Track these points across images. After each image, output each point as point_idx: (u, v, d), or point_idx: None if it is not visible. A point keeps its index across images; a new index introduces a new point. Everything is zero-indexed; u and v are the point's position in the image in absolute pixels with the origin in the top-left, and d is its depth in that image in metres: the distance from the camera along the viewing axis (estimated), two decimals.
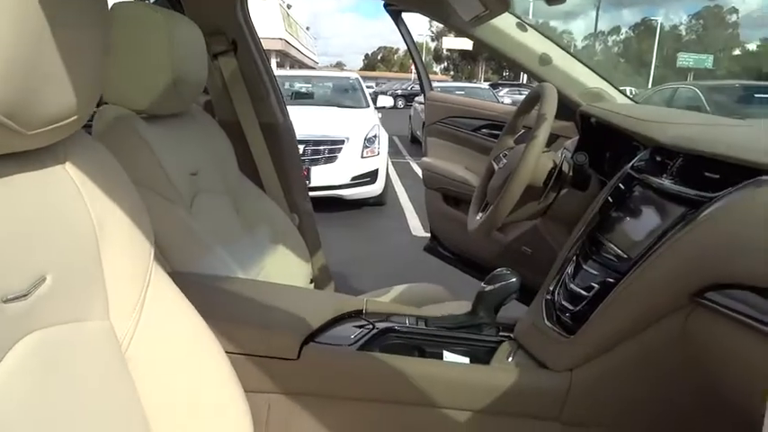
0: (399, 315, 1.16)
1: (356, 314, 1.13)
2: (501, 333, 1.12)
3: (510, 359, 1.02)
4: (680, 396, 0.91)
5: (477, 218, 1.46)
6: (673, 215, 0.91)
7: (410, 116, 13.61)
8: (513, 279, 1.11)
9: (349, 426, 0.98)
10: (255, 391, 0.93)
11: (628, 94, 1.72)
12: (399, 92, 26.91)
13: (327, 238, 2.05)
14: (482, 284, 1.13)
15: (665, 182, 1.00)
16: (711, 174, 0.90)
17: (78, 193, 0.66)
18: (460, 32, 1.64)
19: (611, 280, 0.96)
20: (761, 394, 0.66)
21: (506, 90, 20.66)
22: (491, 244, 2.20)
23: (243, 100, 1.71)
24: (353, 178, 5.69)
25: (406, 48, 2.48)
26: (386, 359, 0.98)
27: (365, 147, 5.83)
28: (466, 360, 1.04)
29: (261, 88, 1.74)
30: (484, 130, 2.34)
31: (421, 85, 2.57)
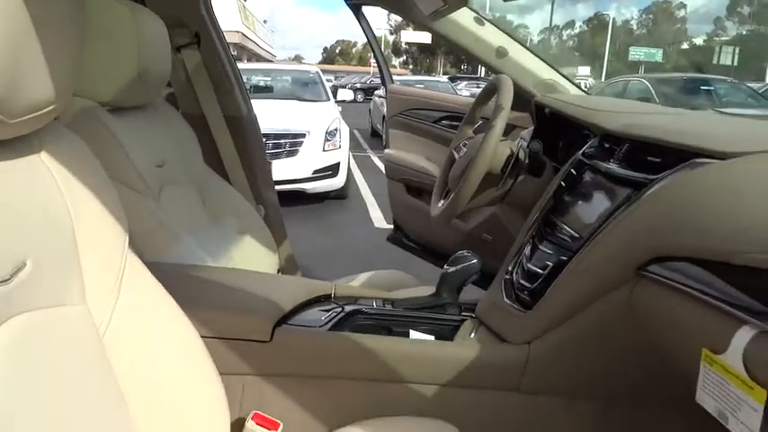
0: (367, 298, 1.21)
1: (325, 298, 1.18)
2: (463, 312, 1.18)
3: (472, 335, 1.08)
4: (632, 368, 0.98)
5: (440, 205, 1.52)
6: (619, 196, 0.98)
7: (370, 109, 13.64)
8: (474, 261, 1.17)
9: (321, 404, 1.02)
10: (230, 374, 0.97)
11: (582, 86, 1.80)
12: (358, 85, 26.85)
13: (291, 232, 2.08)
14: (445, 266, 1.19)
15: (613, 166, 1.07)
16: (653, 158, 0.98)
17: (54, 182, 0.69)
18: (420, 26, 1.69)
19: (564, 258, 1.03)
20: (697, 356, 0.73)
21: (465, 83, 20.86)
22: (453, 232, 2.27)
23: (207, 93, 1.72)
24: (315, 171, 5.71)
25: (364, 41, 2.52)
26: (355, 338, 1.02)
27: (326, 140, 5.84)
28: (431, 338, 1.10)
29: (225, 81, 1.76)
30: (444, 122, 2.40)
31: (382, 78, 2.62)
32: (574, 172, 1.21)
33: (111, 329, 0.73)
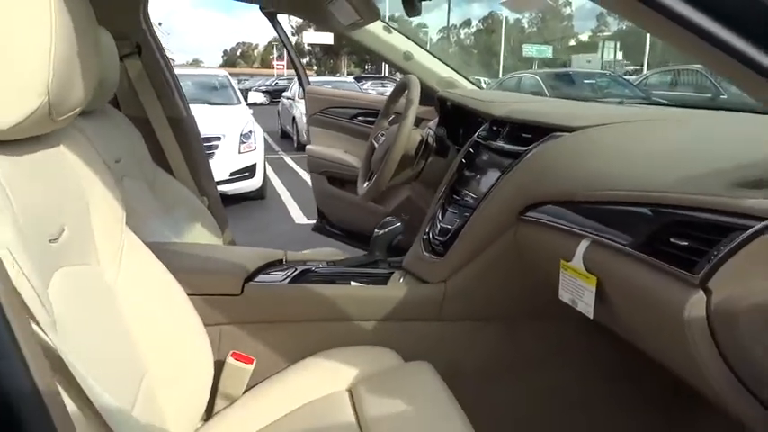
0: (313, 261, 1.47)
1: (279, 263, 1.42)
2: (392, 266, 1.47)
3: (401, 281, 1.37)
4: (524, 291, 1.30)
5: (365, 186, 1.80)
6: (504, 165, 1.31)
7: (278, 111, 13.63)
8: (398, 224, 1.47)
9: (285, 342, 1.27)
10: (209, 324, 1.19)
11: (482, 84, 2.14)
12: (263, 88, 26.59)
13: None
14: (375, 230, 1.47)
15: (499, 143, 1.40)
16: (527, 134, 1.31)
17: (72, 168, 0.90)
18: (338, 33, 1.96)
19: (466, 215, 1.35)
20: (558, 267, 1.05)
21: (370, 83, 21.28)
22: (373, 215, 2.55)
23: (150, 97, 1.90)
24: (232, 174, 5.81)
25: (265, 43, 2.75)
26: (310, 288, 1.29)
27: (241, 142, 5.96)
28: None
29: (166, 87, 1.94)
30: (359, 118, 2.67)
31: (299, 80, 2.86)
32: (471, 151, 1.53)
33: (118, 286, 0.95)
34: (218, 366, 1.20)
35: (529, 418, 1.34)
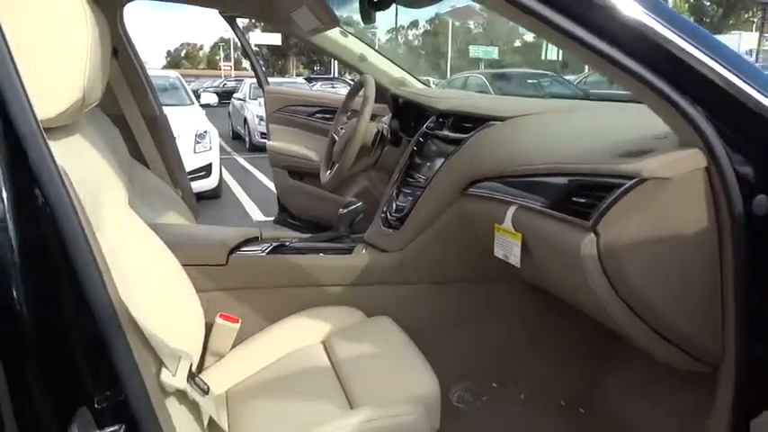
0: (285, 237, 1.67)
1: (255, 239, 1.62)
2: (355, 241, 1.69)
3: (363, 252, 1.60)
4: (471, 256, 1.53)
5: (327, 174, 2.01)
6: (448, 150, 1.55)
7: (229, 113, 13.59)
8: (360, 204, 1.69)
9: (265, 306, 1.47)
10: (198, 291, 1.38)
11: (431, 84, 2.39)
12: (211, 90, 26.22)
13: None
14: (340, 210, 1.68)
15: (445, 132, 1.64)
16: (467, 124, 1.55)
17: (89, 151, 1.08)
18: (299, 38, 2.16)
19: (418, 194, 1.58)
20: (492, 230, 1.30)
21: (320, 83, 21.38)
22: (333, 205, 2.76)
23: (126, 97, 2.05)
24: (188, 173, 5.86)
25: (211, 44, 2.93)
26: (286, 258, 1.49)
27: (197, 142, 6.04)
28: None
29: (141, 87, 2.10)
30: (317, 115, 2.87)
31: (258, 80, 3.04)
32: (421, 140, 1.76)
33: (122, 253, 1.13)
34: (207, 329, 1.39)
35: (476, 364, 1.59)
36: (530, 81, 9.47)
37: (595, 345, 1.51)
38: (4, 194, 0.63)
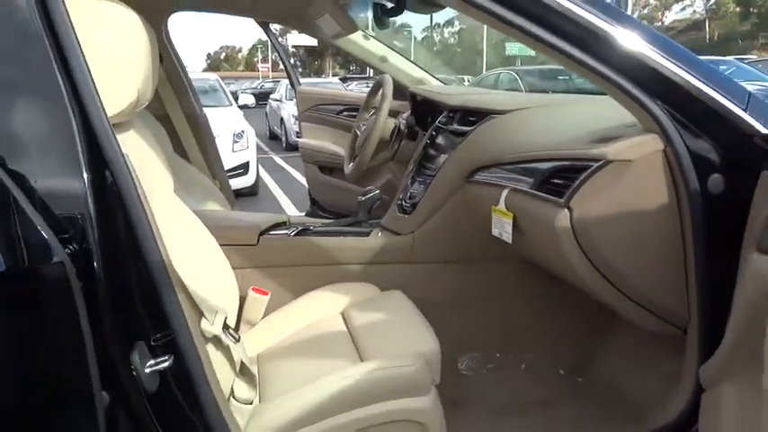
0: (310, 223, 1.86)
1: (283, 224, 1.81)
2: (372, 225, 1.86)
3: (379, 234, 1.77)
4: (475, 237, 1.68)
5: (350, 166, 2.19)
6: (457, 141, 1.71)
7: (266, 113, 13.89)
8: (377, 191, 1.86)
9: (291, 281, 1.66)
10: (233, 268, 1.58)
11: (465, 81, 2.54)
12: (249, 91, 26.76)
13: None
14: (359, 197, 1.86)
15: (454, 126, 1.80)
16: (472, 118, 1.71)
17: (141, 144, 1.28)
18: (322, 41, 2.35)
19: (429, 182, 1.75)
20: (490, 211, 1.45)
21: (355, 83, 21.64)
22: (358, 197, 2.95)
23: (170, 98, 2.28)
24: (227, 171, 6.15)
25: (249, 46, 3.14)
26: (311, 239, 1.68)
27: (235, 141, 6.32)
28: None
29: (183, 89, 2.32)
30: (345, 113, 3.05)
31: (290, 81, 3.25)
32: (434, 134, 1.93)
33: (169, 231, 1.33)
34: (241, 301, 1.58)
35: (482, 336, 1.74)
36: (560, 77, 9.46)
37: (591, 318, 1.65)
38: (85, 176, 0.82)
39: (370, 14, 2.22)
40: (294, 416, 1.12)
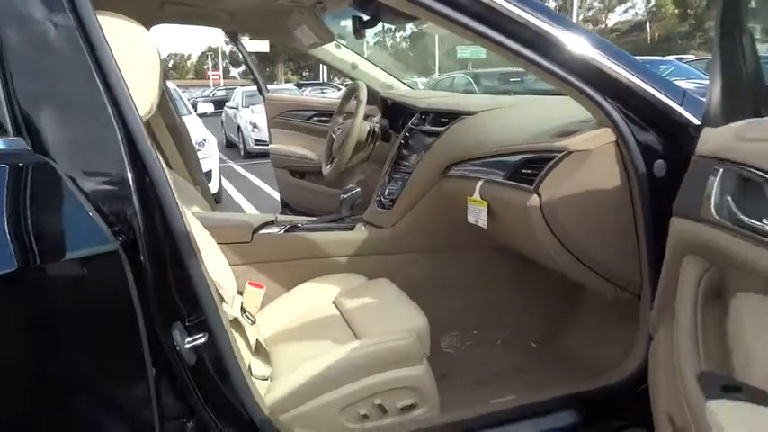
0: (297, 221, 1.99)
1: (272, 223, 1.93)
2: (354, 220, 2.01)
3: (362, 228, 1.92)
4: (450, 228, 1.85)
5: (328, 167, 2.33)
6: (431, 140, 1.87)
7: (222, 121, 13.81)
8: (358, 189, 2.01)
9: (284, 275, 1.78)
10: (229, 264, 1.70)
11: (419, 85, 2.71)
12: (201, 100, 26.35)
13: None
14: (341, 195, 2.00)
15: (426, 127, 1.96)
16: (444, 119, 1.87)
17: None
18: (300, 50, 2.48)
19: (406, 179, 1.90)
20: (465, 202, 1.62)
21: (310, 89, 21.70)
22: (332, 199, 3.07)
23: None
24: None
25: (198, 53, 3.24)
26: (300, 235, 1.81)
27: (197, 150, 6.34)
28: None
29: (163, 98, 2.41)
30: (315, 119, 3.18)
31: (259, 88, 3.35)
32: (407, 135, 2.09)
33: None
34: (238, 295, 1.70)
35: (460, 316, 1.90)
36: (512, 80, 9.80)
37: (558, 296, 1.83)
38: (129, 175, 0.94)
39: (341, 24, 2.37)
40: (306, 388, 1.26)
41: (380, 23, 1.90)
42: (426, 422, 1.33)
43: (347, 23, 2.08)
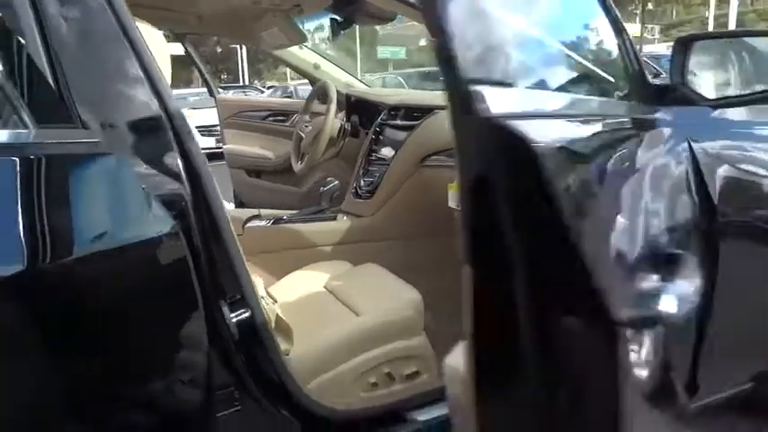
0: (280, 213, 2.08)
1: (257, 216, 2.01)
2: (334, 212, 2.12)
3: (345, 219, 2.04)
4: (431, 216, 1.99)
5: (299, 164, 2.42)
6: (403, 135, 2.01)
7: None
8: (337, 182, 2.12)
9: (275, 265, 1.87)
10: None
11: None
12: None
13: None
14: (321, 188, 2.11)
15: (398, 122, 2.10)
16: (416, 113, 2.02)
17: None
18: (264, 52, 2.56)
19: (384, 170, 2.04)
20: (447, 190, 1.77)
21: (233, 92, 21.30)
22: (289, 197, 3.14)
23: None
24: None
25: None
26: (287, 226, 1.91)
27: None
28: None
29: None
30: (269, 118, 3.24)
31: (210, 91, 3.37)
32: (378, 130, 2.22)
33: None
34: None
35: (436, 298, 2.05)
36: (441, 78, 10.15)
37: None
38: (179, 162, 1.02)
39: (305, 25, 2.47)
40: (322, 361, 1.37)
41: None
42: (429, 386, 1.47)
43: (310, 26, 2.19)
